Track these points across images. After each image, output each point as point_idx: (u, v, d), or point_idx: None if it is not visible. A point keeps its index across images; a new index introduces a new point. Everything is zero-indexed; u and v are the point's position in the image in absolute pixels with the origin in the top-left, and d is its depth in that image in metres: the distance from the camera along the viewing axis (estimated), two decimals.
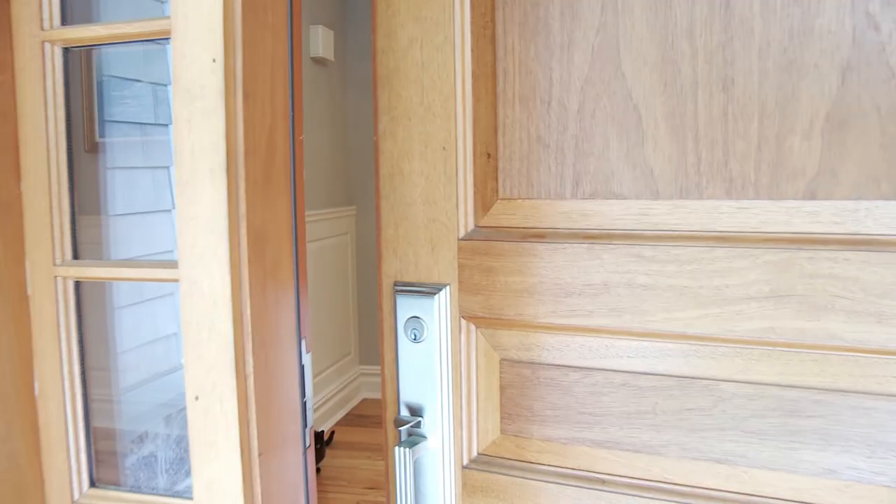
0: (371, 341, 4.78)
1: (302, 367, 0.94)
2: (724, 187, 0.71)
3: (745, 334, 0.70)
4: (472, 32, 0.82)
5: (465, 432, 0.85)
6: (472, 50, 0.82)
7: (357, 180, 4.74)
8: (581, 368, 0.79)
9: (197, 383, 0.86)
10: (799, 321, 0.68)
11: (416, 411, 0.86)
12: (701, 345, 0.73)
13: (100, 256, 1.47)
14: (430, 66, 0.83)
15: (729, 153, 0.71)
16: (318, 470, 3.48)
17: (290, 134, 0.93)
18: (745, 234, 0.70)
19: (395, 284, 0.87)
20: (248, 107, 0.85)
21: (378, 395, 4.68)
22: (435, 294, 0.84)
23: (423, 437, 0.85)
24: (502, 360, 0.83)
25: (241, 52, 0.84)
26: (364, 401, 4.71)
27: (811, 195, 0.68)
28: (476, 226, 0.84)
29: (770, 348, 0.70)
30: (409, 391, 0.86)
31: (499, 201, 0.83)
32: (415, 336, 0.85)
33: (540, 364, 0.81)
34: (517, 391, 0.83)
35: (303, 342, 0.95)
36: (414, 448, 0.83)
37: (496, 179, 0.83)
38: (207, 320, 0.84)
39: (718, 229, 0.72)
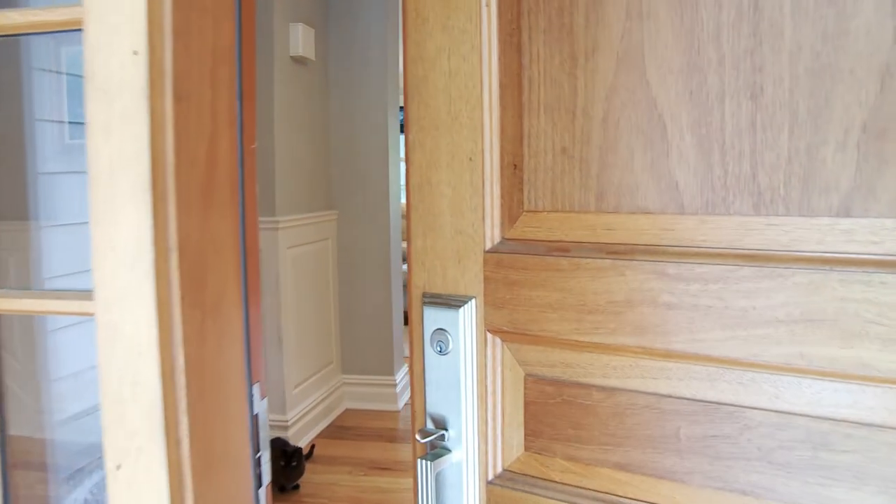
0: (354, 350, 4.60)
1: (254, 418, 0.85)
2: (751, 202, 0.67)
3: (773, 359, 0.66)
4: (499, 41, 0.80)
5: (490, 447, 0.84)
6: (500, 58, 0.81)
7: (338, 184, 4.54)
8: (604, 388, 0.76)
9: (118, 449, 0.73)
10: (830, 348, 0.63)
11: (441, 424, 0.85)
12: (726, 369, 0.69)
13: (61, 266, 1.33)
14: (458, 75, 0.82)
15: (757, 165, 0.66)
16: (296, 487, 3.38)
17: (237, 143, 0.81)
18: (773, 253, 0.66)
19: (424, 296, 0.87)
20: (182, 110, 0.72)
21: (360, 406, 4.58)
22: (460, 307, 0.83)
23: (448, 450, 0.84)
24: (527, 375, 0.82)
25: (170, 43, 0.70)
26: (346, 411, 4.55)
27: (846, 212, 0.63)
28: (503, 238, 0.82)
29: (800, 376, 0.65)
30: (435, 403, 0.86)
31: (524, 213, 0.81)
32: (440, 348, 0.84)
33: (563, 382, 0.79)
34: (540, 408, 0.81)
35: (255, 387, 0.85)
36: (437, 461, 0.82)
37: (521, 191, 0.81)
38: (130, 373, 0.71)
39: (745, 247, 0.67)
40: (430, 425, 0.86)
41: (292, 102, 3.98)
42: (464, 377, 0.83)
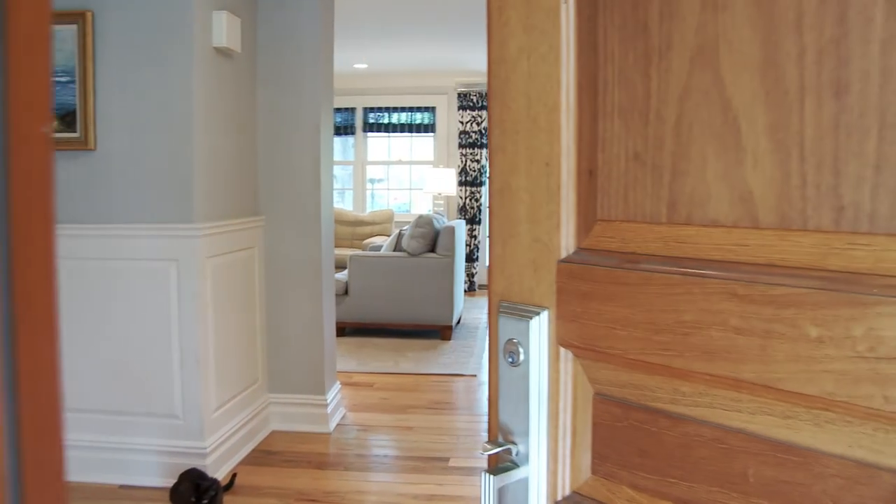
0: (281, 367, 4.19)
1: None
2: (832, 217, 0.58)
3: (852, 400, 0.56)
4: (576, 40, 0.76)
5: (560, 467, 0.80)
6: (577, 58, 0.76)
7: (266, 187, 4.12)
8: (671, 416, 0.70)
9: None
10: None
11: (510, 437, 0.83)
12: (800, 406, 0.60)
13: None
14: (537, 76, 0.79)
15: (840, 175, 0.57)
16: None
17: None
18: (855, 276, 0.56)
19: (500, 304, 0.85)
20: None
21: (288, 427, 4.23)
22: (531, 318, 0.80)
23: (515, 465, 0.82)
24: (595, 394, 0.77)
25: None
26: (273, 434, 4.15)
27: None
28: (578, 248, 0.78)
29: (887, 424, 0.55)
30: (505, 416, 0.83)
31: (598, 223, 0.76)
32: (512, 359, 0.82)
33: (631, 404, 0.73)
34: (608, 431, 0.76)
35: None
36: (500, 476, 0.80)
37: (595, 199, 0.76)
38: None
39: (824, 268, 0.58)
40: (500, 438, 0.84)
41: (214, 98, 3.60)
42: (534, 391, 0.80)
